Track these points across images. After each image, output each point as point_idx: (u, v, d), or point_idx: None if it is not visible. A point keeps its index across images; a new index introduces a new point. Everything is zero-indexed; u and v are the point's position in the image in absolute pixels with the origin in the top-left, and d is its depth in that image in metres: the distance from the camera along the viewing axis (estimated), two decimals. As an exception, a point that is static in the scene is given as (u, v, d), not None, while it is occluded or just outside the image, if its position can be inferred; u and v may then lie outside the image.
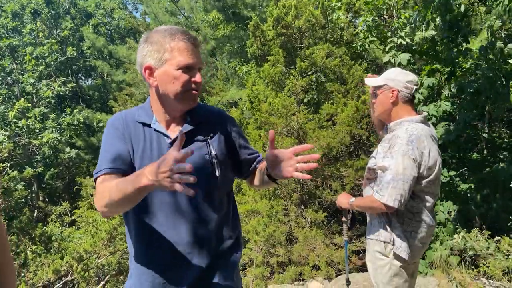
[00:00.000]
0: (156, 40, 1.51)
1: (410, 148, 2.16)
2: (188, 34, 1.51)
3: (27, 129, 13.55)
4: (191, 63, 1.48)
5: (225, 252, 1.60)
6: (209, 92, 10.76)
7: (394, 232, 2.24)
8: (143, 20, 16.64)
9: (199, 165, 1.52)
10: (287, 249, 6.09)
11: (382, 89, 2.37)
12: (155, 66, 1.51)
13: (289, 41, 7.10)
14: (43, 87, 14.89)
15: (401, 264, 2.26)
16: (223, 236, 1.61)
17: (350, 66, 6.82)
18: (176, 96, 1.50)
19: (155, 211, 1.53)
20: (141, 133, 1.56)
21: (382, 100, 2.37)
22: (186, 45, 1.48)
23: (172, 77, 1.48)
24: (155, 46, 1.50)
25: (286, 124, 6.02)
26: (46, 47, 15.18)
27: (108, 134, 1.58)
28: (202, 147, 1.56)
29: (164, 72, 1.49)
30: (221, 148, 1.61)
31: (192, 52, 1.49)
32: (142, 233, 1.55)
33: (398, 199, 2.13)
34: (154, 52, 1.50)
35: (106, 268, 6.79)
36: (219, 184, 1.57)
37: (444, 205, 5.56)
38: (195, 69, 1.50)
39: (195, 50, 1.50)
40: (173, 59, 1.48)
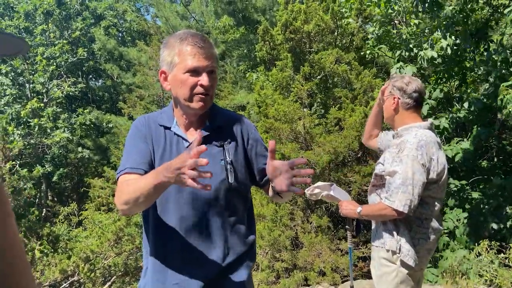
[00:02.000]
0: (169, 44, 1.54)
1: (419, 153, 2.15)
2: (198, 37, 1.51)
3: (39, 128, 13.70)
4: (197, 66, 1.48)
5: (237, 259, 1.60)
6: (218, 95, 10.78)
7: (402, 239, 2.22)
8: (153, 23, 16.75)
9: (213, 171, 1.50)
10: (292, 254, 6.06)
11: (387, 96, 2.40)
12: (167, 70, 1.54)
13: (298, 45, 7.09)
14: (53, 87, 15.05)
15: (408, 272, 2.24)
16: (236, 242, 1.60)
17: (359, 72, 6.79)
18: (185, 99, 1.52)
19: (171, 213, 1.55)
20: (162, 136, 1.59)
21: (386, 106, 2.41)
22: (192, 48, 1.48)
23: (180, 81, 1.50)
24: (168, 51, 1.53)
25: (292, 129, 6.01)
26: (57, 47, 15.34)
27: (131, 136, 1.62)
28: (218, 153, 1.56)
29: (174, 76, 1.52)
30: (238, 154, 1.61)
31: (199, 55, 1.48)
32: (158, 233, 1.58)
33: (408, 204, 2.12)
34: (167, 56, 1.53)
35: (112, 269, 6.82)
36: (232, 190, 1.57)
37: (453, 213, 5.50)
38: (202, 72, 1.49)
39: (203, 53, 1.49)
40: (180, 63, 1.49)
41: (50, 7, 16.31)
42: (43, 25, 16.08)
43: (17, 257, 0.67)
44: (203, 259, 1.54)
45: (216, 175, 1.53)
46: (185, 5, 14.25)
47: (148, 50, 12.62)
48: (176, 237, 1.54)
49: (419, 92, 2.36)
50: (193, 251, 1.54)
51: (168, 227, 1.56)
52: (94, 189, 11.31)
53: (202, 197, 1.54)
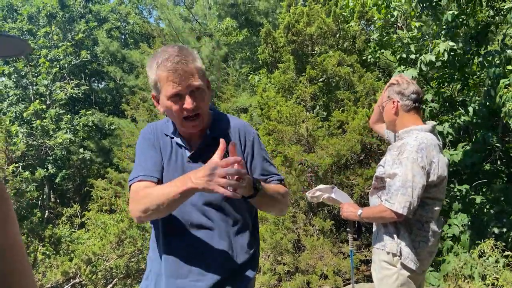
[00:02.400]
0: (149, 69, 1.52)
1: (419, 156, 2.15)
2: (171, 60, 1.45)
3: (41, 129, 13.75)
4: (176, 92, 1.45)
5: (239, 266, 1.60)
6: (220, 98, 10.80)
7: (402, 242, 2.22)
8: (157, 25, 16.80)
9: None
10: (294, 257, 6.05)
11: (385, 100, 2.40)
12: (156, 94, 1.55)
13: (300, 48, 7.09)
14: (56, 89, 15.10)
15: (409, 274, 2.23)
16: (240, 250, 1.60)
17: (361, 74, 6.79)
18: (178, 123, 1.54)
19: (178, 220, 1.57)
20: (168, 144, 1.62)
21: (386, 110, 2.41)
22: (168, 74, 1.44)
23: (166, 107, 1.50)
24: (150, 77, 1.53)
25: (295, 131, 6.00)
26: (60, 49, 15.40)
27: (141, 144, 1.64)
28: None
29: (162, 101, 1.52)
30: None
31: (176, 78, 1.44)
32: (165, 238, 1.59)
33: (407, 207, 2.12)
34: (151, 80, 1.53)
35: (114, 271, 6.82)
36: (235, 199, 1.54)
37: (458, 218, 5.48)
38: (185, 95, 1.46)
39: (181, 75, 1.44)
40: (162, 89, 1.48)
41: (54, 10, 16.38)
42: (46, 27, 16.14)
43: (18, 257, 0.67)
44: (207, 266, 1.54)
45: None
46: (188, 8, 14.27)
47: (151, 53, 12.64)
48: (182, 243, 1.55)
49: (417, 93, 2.36)
50: (197, 258, 1.55)
51: (175, 233, 1.56)
52: (97, 189, 11.33)
53: (210, 205, 1.55)
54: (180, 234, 1.55)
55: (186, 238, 1.55)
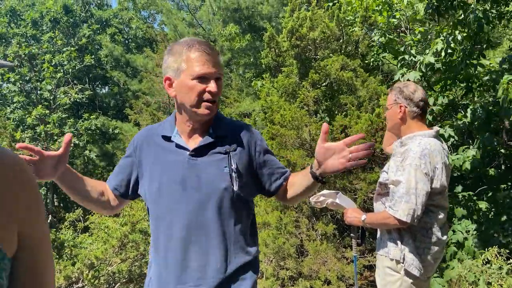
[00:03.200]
0: (175, 51, 1.53)
1: (422, 162, 2.13)
2: (205, 44, 1.51)
3: (45, 134, 13.80)
4: (205, 72, 1.48)
5: (239, 269, 1.58)
6: (223, 102, 10.81)
7: (406, 249, 2.20)
8: (161, 30, 16.87)
9: (217, 178, 1.53)
10: (297, 262, 6.02)
11: (391, 104, 2.37)
12: (173, 77, 1.53)
13: (304, 52, 7.10)
14: (60, 94, 15.17)
15: (412, 281, 2.21)
16: (238, 252, 1.58)
17: (364, 79, 6.78)
18: (192, 106, 1.52)
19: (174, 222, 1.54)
20: (160, 147, 1.60)
21: (391, 115, 2.38)
22: (201, 55, 1.48)
23: (187, 87, 1.49)
24: (174, 57, 1.52)
25: (298, 135, 5.99)
26: (64, 55, 15.48)
27: (126, 149, 1.73)
28: (222, 160, 1.55)
29: (181, 82, 1.51)
30: (243, 162, 1.59)
31: (207, 61, 1.48)
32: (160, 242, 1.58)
33: (411, 214, 2.10)
34: (173, 63, 1.52)
35: (116, 276, 6.81)
36: (236, 199, 1.56)
37: (462, 225, 5.44)
38: (210, 79, 1.49)
39: (211, 60, 1.49)
40: (188, 69, 1.49)
41: (57, 15, 16.48)
42: (50, 32, 16.23)
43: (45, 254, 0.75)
44: (204, 269, 1.52)
45: (220, 182, 1.52)
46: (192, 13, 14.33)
47: (155, 57, 12.69)
48: (178, 247, 1.53)
49: (424, 101, 2.34)
50: (194, 261, 1.52)
51: (171, 236, 1.54)
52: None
53: (206, 206, 1.53)
54: (179, 237, 1.53)
55: (185, 241, 1.53)
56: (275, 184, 1.68)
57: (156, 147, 1.60)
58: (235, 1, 11.29)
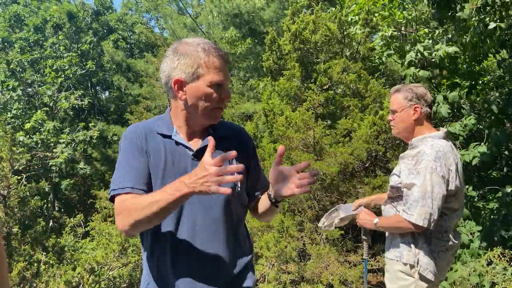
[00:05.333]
0: (188, 53, 1.46)
1: (438, 165, 2.08)
2: (221, 50, 1.49)
3: (41, 143, 13.75)
4: (223, 80, 1.47)
5: (243, 269, 1.57)
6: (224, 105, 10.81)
7: (420, 252, 2.15)
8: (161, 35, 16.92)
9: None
10: (299, 266, 5.96)
11: (402, 106, 2.28)
12: (186, 80, 1.47)
13: (305, 55, 7.08)
14: (61, 98, 15.16)
15: (427, 285, 2.16)
16: (241, 253, 1.58)
17: (367, 81, 6.76)
18: (203, 111, 1.49)
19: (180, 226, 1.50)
20: (160, 145, 1.53)
21: (404, 117, 2.29)
22: (220, 62, 1.46)
23: (203, 93, 1.46)
24: (188, 60, 1.46)
25: (303, 138, 5.96)
26: (66, 60, 15.49)
27: (126, 148, 1.53)
28: (225, 161, 1.52)
29: (196, 87, 1.46)
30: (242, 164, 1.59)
31: (223, 69, 1.47)
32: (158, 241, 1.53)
33: (427, 218, 2.05)
34: (187, 66, 1.46)
35: (117, 281, 6.76)
36: (238, 201, 1.57)
37: (466, 226, 5.40)
38: (224, 86, 1.49)
39: (226, 67, 1.49)
40: (206, 75, 1.45)
41: (60, 21, 16.53)
42: (53, 38, 16.27)
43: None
44: (213, 270, 1.50)
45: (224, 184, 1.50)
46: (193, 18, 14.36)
47: (155, 62, 12.70)
48: (185, 249, 1.50)
49: (432, 100, 2.31)
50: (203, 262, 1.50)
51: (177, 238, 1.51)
52: (100, 200, 11.30)
53: (213, 207, 1.50)
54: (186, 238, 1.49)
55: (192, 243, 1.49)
56: (254, 194, 1.71)
57: (157, 144, 1.53)
58: (236, 6, 11.31)
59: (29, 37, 16.32)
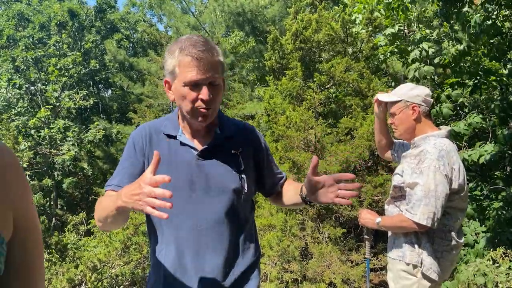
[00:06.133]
0: (171, 52, 1.45)
1: (441, 164, 2.06)
2: (198, 46, 1.39)
3: (48, 139, 13.79)
4: (196, 80, 1.38)
5: (248, 269, 1.55)
6: (227, 105, 10.80)
7: (424, 252, 2.13)
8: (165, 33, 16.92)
9: (228, 179, 1.50)
10: (302, 265, 5.96)
11: (400, 107, 2.26)
12: (170, 80, 1.47)
13: (308, 54, 7.07)
14: (65, 97, 15.20)
15: (430, 285, 2.15)
16: (247, 252, 1.56)
17: (369, 80, 6.74)
18: (187, 112, 1.45)
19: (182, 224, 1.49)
20: (165, 146, 1.52)
21: (403, 118, 2.26)
22: (191, 60, 1.38)
23: (180, 94, 1.42)
24: (169, 60, 1.44)
25: (304, 137, 5.95)
26: (70, 59, 15.53)
27: (128, 148, 1.55)
28: (231, 161, 1.52)
29: (175, 87, 1.44)
30: (250, 163, 1.58)
31: (199, 67, 1.38)
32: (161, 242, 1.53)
33: (431, 217, 2.03)
34: (168, 66, 1.45)
35: (119, 279, 6.76)
36: (244, 199, 1.54)
37: (471, 226, 5.38)
38: (203, 85, 1.40)
39: (203, 64, 1.38)
40: (180, 75, 1.41)
41: (64, 19, 16.58)
42: (56, 36, 16.32)
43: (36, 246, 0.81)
44: (216, 271, 1.49)
45: (230, 184, 1.49)
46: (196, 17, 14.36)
47: (158, 60, 12.71)
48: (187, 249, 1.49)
49: (432, 97, 2.29)
50: (206, 263, 1.48)
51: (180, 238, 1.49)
52: (102, 198, 11.32)
53: (217, 207, 1.49)
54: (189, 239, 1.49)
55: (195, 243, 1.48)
56: (275, 187, 1.73)
57: (161, 145, 1.52)
58: (239, 4, 11.30)
59: (34, 35, 16.38)
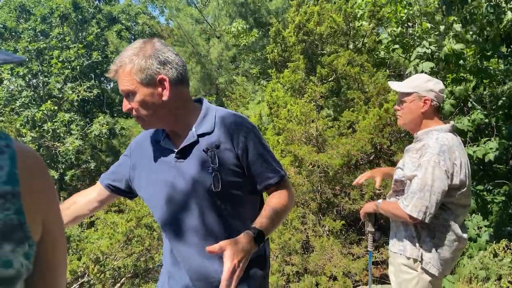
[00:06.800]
0: None
1: (441, 159, 2.04)
2: (118, 59, 1.44)
3: (52, 132, 13.82)
4: (120, 91, 1.47)
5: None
6: (229, 98, 10.79)
7: (423, 247, 2.13)
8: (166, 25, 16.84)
9: (201, 178, 1.46)
10: (303, 258, 5.98)
11: (412, 97, 2.23)
12: None
13: (310, 47, 7.04)
14: (68, 89, 15.21)
15: (430, 279, 2.15)
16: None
17: (372, 74, 6.71)
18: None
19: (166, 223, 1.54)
20: (151, 150, 1.58)
21: (412, 108, 2.23)
22: (112, 73, 1.46)
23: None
24: None
25: (305, 130, 5.94)
26: (72, 51, 15.51)
27: (126, 150, 1.71)
28: (205, 159, 1.47)
29: None
30: (229, 158, 1.49)
31: (119, 79, 1.44)
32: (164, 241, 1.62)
33: (422, 211, 2.03)
34: None
35: (122, 270, 6.81)
36: (222, 199, 1.48)
37: (473, 221, 5.39)
38: (126, 95, 1.45)
39: (120, 77, 1.43)
40: None
41: (66, 11, 16.53)
42: (58, 28, 16.28)
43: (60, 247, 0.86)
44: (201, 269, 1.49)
45: (203, 182, 1.46)
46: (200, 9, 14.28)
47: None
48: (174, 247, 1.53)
49: (443, 93, 2.27)
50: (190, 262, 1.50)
51: (168, 236, 1.55)
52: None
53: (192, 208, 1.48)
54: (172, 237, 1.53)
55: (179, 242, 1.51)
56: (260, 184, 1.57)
57: (148, 151, 1.58)
58: (242, -5, 11.25)
59: (36, 27, 16.35)
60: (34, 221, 0.76)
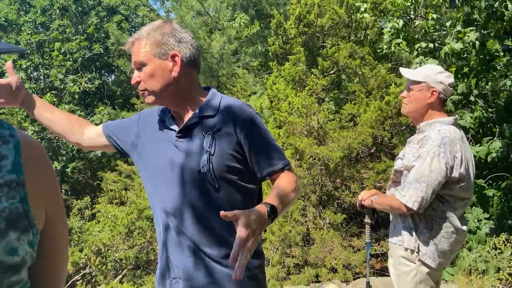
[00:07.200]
0: None
1: (442, 151, 2.04)
2: (131, 37, 1.52)
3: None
4: (132, 64, 1.52)
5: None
6: (230, 90, 10.77)
7: (420, 238, 2.13)
8: (167, 18, 16.76)
9: (193, 158, 1.47)
10: (303, 250, 6.01)
11: (420, 87, 2.20)
12: None
13: (311, 39, 7.00)
14: (69, 82, 15.20)
15: (428, 271, 2.15)
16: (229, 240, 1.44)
17: (373, 66, 6.68)
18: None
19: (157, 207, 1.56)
20: (156, 128, 1.59)
21: (419, 97, 2.21)
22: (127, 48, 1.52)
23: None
24: None
25: (306, 123, 5.93)
26: (74, 43, 15.46)
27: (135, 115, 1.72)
28: (202, 140, 1.48)
29: None
30: (228, 143, 1.47)
31: (132, 53, 1.50)
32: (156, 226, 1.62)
33: (418, 201, 2.03)
34: None
35: (123, 262, 6.86)
36: (214, 181, 1.45)
37: (473, 213, 5.39)
38: (138, 67, 1.50)
39: (133, 49, 1.50)
40: None
41: (66, 3, 16.46)
42: (59, 20, 16.23)
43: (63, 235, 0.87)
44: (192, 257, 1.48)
45: (196, 163, 1.46)
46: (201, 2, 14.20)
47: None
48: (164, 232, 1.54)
49: (452, 88, 2.26)
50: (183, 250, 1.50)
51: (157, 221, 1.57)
52: (107, 182, 11.42)
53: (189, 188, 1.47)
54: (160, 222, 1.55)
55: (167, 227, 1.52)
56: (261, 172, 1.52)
57: (153, 126, 1.60)
58: (243, -13, 11.18)
59: (36, 19, 16.29)
60: (38, 210, 0.77)
